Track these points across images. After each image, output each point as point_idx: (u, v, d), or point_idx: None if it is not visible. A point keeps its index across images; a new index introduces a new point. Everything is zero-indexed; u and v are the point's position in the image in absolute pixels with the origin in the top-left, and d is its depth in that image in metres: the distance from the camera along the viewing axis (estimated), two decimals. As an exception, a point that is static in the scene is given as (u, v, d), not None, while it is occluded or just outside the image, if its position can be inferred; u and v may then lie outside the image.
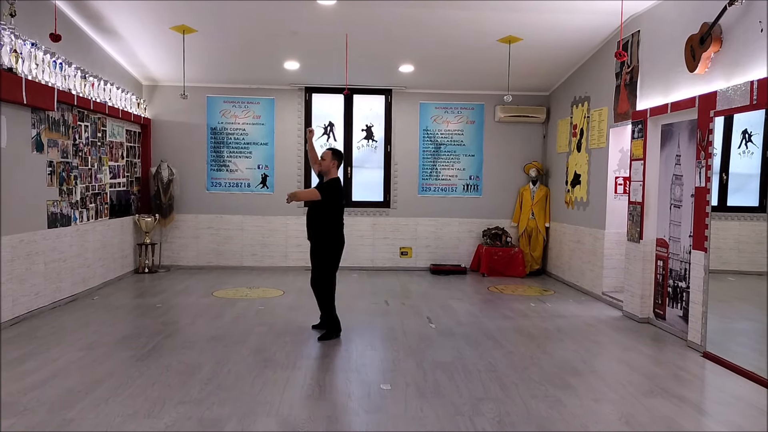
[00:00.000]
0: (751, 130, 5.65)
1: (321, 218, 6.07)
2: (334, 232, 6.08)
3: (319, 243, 6.10)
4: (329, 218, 6.06)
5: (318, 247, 6.11)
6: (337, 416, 4.11)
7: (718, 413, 4.32)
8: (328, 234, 6.07)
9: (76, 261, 7.58)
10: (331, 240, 6.08)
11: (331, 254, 6.10)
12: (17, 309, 6.32)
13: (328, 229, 6.07)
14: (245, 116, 10.25)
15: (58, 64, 6.94)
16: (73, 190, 7.51)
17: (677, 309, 6.33)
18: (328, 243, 6.08)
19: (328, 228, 6.07)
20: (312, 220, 6.11)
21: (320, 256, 6.11)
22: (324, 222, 6.07)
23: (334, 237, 6.08)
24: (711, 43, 5.58)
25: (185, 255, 10.19)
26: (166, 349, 5.52)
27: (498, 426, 3.95)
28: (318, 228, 6.08)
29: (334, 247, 6.10)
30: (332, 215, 6.07)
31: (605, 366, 5.42)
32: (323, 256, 6.09)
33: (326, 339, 5.96)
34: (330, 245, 6.08)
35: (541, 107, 10.29)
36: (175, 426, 3.86)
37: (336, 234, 6.10)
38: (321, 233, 6.08)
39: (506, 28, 7.78)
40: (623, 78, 7.58)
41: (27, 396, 4.29)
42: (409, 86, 10.22)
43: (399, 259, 10.46)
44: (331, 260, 6.11)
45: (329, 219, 6.06)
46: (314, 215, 6.11)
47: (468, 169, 10.50)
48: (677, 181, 6.44)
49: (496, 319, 6.94)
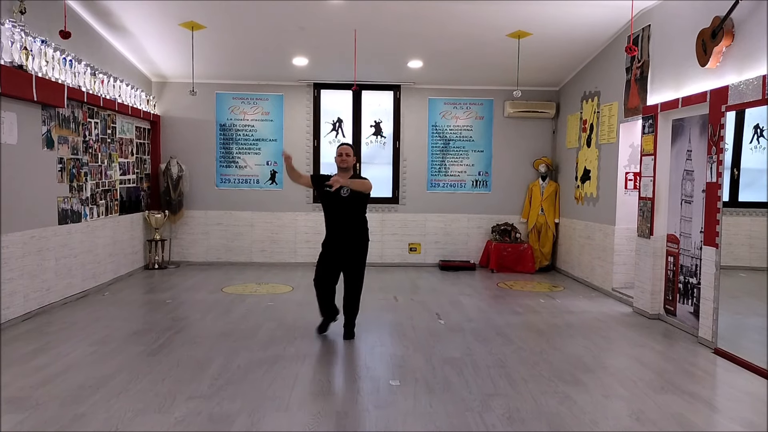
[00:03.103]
0: (763, 125, 5.60)
1: (363, 215, 5.85)
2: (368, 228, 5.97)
3: (363, 242, 5.85)
4: (365, 214, 5.90)
5: (362, 247, 5.84)
6: (346, 412, 4.11)
7: (730, 409, 4.29)
8: (367, 231, 5.92)
9: (87, 257, 7.63)
10: (368, 238, 5.94)
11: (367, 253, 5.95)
12: (29, 304, 6.37)
13: (367, 226, 5.91)
14: (254, 112, 10.26)
15: (68, 61, 6.97)
16: (83, 186, 7.54)
17: (688, 305, 6.29)
18: (367, 241, 5.91)
19: (367, 225, 5.92)
20: (353, 217, 5.80)
21: (364, 257, 5.87)
22: (365, 219, 5.87)
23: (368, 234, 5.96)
24: (723, 37, 5.52)
25: (195, 251, 10.22)
26: (176, 344, 5.55)
27: (507, 422, 3.94)
28: (362, 225, 5.84)
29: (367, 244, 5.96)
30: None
31: (615, 362, 5.39)
32: (365, 257, 5.88)
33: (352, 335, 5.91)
34: (367, 244, 5.93)
35: (550, 102, 10.24)
36: (186, 421, 3.88)
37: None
38: (365, 231, 5.87)
39: (515, 22, 7.74)
40: (634, 73, 7.53)
41: (39, 391, 4.33)
42: (417, 82, 10.20)
43: (408, 255, 10.45)
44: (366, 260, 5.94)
45: (365, 215, 5.91)
46: (356, 212, 5.81)
47: (477, 165, 10.47)
48: (688, 177, 6.39)
49: (506, 315, 6.92)
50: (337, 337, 5.90)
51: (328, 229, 5.87)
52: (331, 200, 5.79)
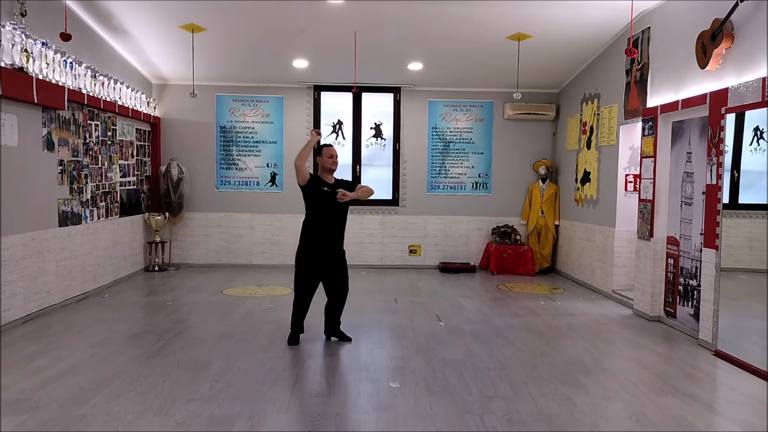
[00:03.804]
0: (763, 128, 5.60)
1: (345, 223, 5.78)
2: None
3: (342, 249, 5.81)
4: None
5: (343, 254, 5.81)
6: (346, 414, 4.11)
7: (730, 412, 4.29)
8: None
9: (87, 259, 7.63)
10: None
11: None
12: (29, 306, 6.37)
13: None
14: (254, 115, 10.27)
15: (68, 64, 6.98)
16: (83, 188, 7.55)
17: (688, 307, 6.29)
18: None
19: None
20: (342, 224, 5.73)
21: (345, 263, 5.86)
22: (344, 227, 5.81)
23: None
24: (722, 39, 5.53)
25: (195, 253, 10.23)
26: (176, 346, 5.55)
27: (508, 424, 3.94)
28: (342, 235, 5.78)
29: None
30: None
31: (616, 364, 5.39)
32: (346, 263, 5.88)
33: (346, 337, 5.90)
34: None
35: (550, 104, 10.25)
36: (186, 423, 3.88)
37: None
38: (342, 240, 5.81)
39: (515, 24, 7.75)
40: (633, 75, 7.54)
41: (39, 393, 4.33)
42: (417, 84, 10.20)
43: (408, 257, 10.45)
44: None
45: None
46: (344, 219, 5.75)
47: (477, 167, 10.47)
48: (688, 179, 6.39)
49: (506, 317, 6.92)
50: (336, 340, 5.90)
51: (310, 234, 5.65)
52: (325, 204, 5.60)
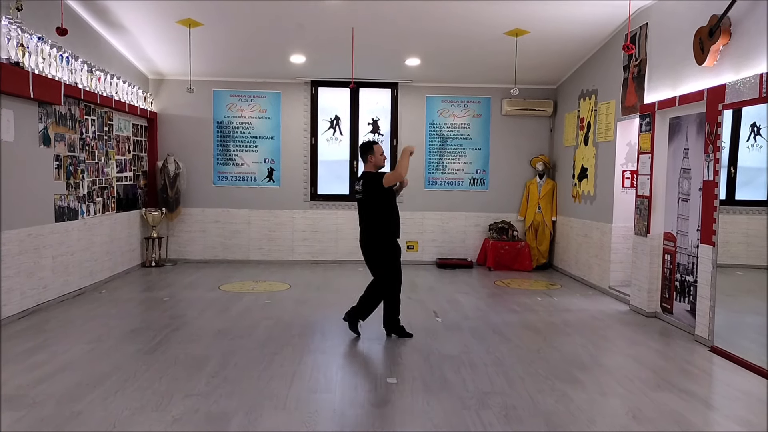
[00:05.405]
0: (760, 124, 5.61)
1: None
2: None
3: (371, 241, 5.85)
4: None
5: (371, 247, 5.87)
6: (343, 410, 4.11)
7: (726, 408, 4.30)
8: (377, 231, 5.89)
9: (84, 255, 7.61)
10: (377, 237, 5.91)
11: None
12: (25, 302, 6.36)
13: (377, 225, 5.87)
14: (251, 110, 10.24)
15: (64, 58, 6.95)
16: (80, 184, 7.53)
17: (685, 303, 6.30)
18: (377, 241, 5.88)
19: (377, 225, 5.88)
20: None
21: (375, 256, 5.87)
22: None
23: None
24: (720, 35, 5.53)
25: (192, 249, 10.21)
26: (173, 342, 5.54)
27: (504, 420, 3.94)
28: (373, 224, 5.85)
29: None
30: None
31: (612, 360, 5.40)
32: (376, 256, 5.88)
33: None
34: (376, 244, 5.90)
35: (548, 100, 10.24)
36: (183, 419, 3.88)
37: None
38: (373, 230, 5.85)
39: (513, 20, 7.74)
40: (631, 71, 7.53)
41: (35, 389, 4.32)
42: (415, 80, 10.19)
43: (405, 253, 10.38)
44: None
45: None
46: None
47: (474, 163, 10.47)
48: (685, 175, 6.40)
49: (503, 313, 6.93)
50: (334, 335, 5.91)
51: (393, 224, 5.87)
52: (393, 196, 5.95)
